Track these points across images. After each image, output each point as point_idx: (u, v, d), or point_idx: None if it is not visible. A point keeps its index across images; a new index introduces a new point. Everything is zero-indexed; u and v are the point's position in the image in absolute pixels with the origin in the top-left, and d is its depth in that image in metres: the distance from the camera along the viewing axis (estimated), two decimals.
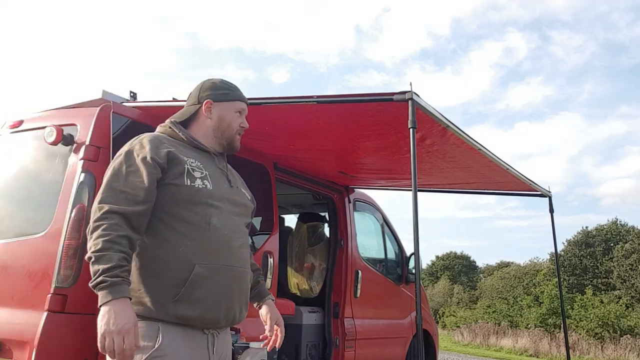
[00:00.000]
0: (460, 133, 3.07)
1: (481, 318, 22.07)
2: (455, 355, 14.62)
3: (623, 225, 33.35)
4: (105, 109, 2.91)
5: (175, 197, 1.83)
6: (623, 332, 15.90)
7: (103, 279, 1.60)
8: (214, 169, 1.99)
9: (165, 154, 1.86)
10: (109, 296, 1.59)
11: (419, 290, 2.62)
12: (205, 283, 1.79)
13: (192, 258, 1.79)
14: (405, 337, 5.29)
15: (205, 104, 2.05)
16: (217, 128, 2.06)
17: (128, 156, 1.85)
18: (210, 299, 1.81)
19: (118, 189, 1.76)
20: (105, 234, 1.66)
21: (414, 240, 2.55)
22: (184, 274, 1.77)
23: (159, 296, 1.75)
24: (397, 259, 5.51)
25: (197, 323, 1.81)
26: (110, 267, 1.61)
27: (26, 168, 3.17)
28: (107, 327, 1.56)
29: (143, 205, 1.76)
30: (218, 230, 1.87)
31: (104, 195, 1.75)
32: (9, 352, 2.60)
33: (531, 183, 4.55)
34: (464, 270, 46.33)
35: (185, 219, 1.83)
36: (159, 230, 1.81)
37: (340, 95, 2.66)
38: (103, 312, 1.58)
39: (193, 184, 1.86)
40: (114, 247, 1.65)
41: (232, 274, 1.89)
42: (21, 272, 2.74)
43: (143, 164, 1.81)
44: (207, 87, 2.10)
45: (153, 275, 1.77)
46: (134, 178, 1.78)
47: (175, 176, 1.85)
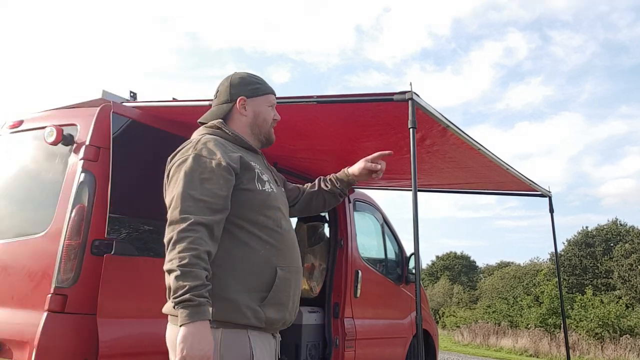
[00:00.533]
0: (460, 133, 3.07)
1: (481, 318, 22.06)
2: (455, 355, 14.62)
3: (623, 225, 33.34)
4: (105, 109, 2.91)
5: (251, 202, 1.82)
6: (623, 332, 15.89)
7: (190, 297, 1.55)
8: (266, 170, 2.00)
9: (237, 159, 1.83)
10: (193, 317, 1.55)
11: (419, 290, 2.61)
12: (286, 286, 1.83)
13: (274, 262, 1.81)
14: (405, 337, 5.29)
15: (239, 101, 2.02)
16: (254, 124, 2.03)
17: (198, 162, 1.77)
18: (289, 300, 1.85)
19: (197, 197, 1.70)
20: (193, 247, 1.60)
21: (414, 240, 2.55)
22: (269, 278, 1.78)
23: (247, 301, 1.74)
24: (397, 259, 5.51)
25: (278, 325, 1.83)
26: (197, 286, 1.56)
27: (26, 168, 3.17)
28: (190, 351, 1.53)
29: (222, 214, 1.73)
30: (287, 232, 1.91)
31: (185, 205, 1.68)
32: (9, 352, 2.60)
33: (531, 183, 4.55)
34: (464, 270, 46.32)
35: (261, 224, 1.83)
36: (238, 236, 1.79)
37: (340, 95, 2.66)
38: (185, 334, 1.54)
39: (264, 189, 1.87)
40: (201, 263, 1.60)
41: (299, 275, 1.94)
42: (21, 272, 2.74)
43: (218, 170, 1.75)
44: (237, 83, 2.05)
45: (237, 281, 1.75)
46: (210, 185, 1.73)
47: (248, 181, 1.84)
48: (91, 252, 2.63)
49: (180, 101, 3.10)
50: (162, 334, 2.83)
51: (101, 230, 2.65)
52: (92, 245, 2.64)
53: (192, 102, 2.99)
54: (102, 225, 2.65)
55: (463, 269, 46.54)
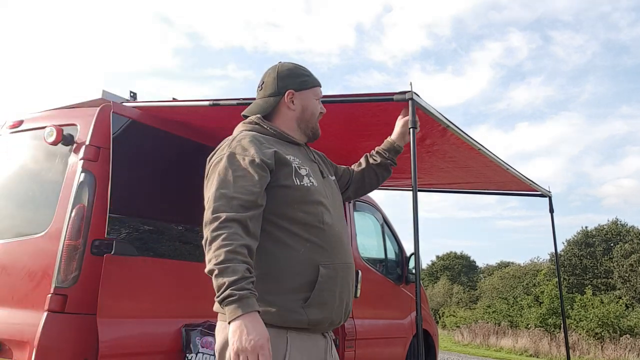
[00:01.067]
0: (460, 133, 3.07)
1: (481, 318, 22.07)
2: (455, 355, 14.62)
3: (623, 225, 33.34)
4: (105, 109, 2.91)
5: (288, 198, 1.77)
6: (623, 332, 15.90)
7: (230, 292, 1.51)
8: (309, 163, 1.93)
9: (272, 154, 1.77)
10: (238, 311, 1.51)
11: (419, 290, 2.61)
12: (330, 284, 1.76)
13: (315, 259, 1.75)
14: (405, 337, 5.29)
15: (288, 94, 1.95)
16: (302, 118, 1.98)
17: (231, 160, 1.75)
18: (335, 299, 1.78)
19: (229, 196, 1.66)
20: (227, 244, 1.56)
21: (414, 240, 2.55)
22: (311, 277, 1.72)
23: (288, 302, 1.70)
24: (397, 259, 5.51)
25: (324, 325, 1.78)
26: (236, 280, 1.52)
27: (26, 168, 3.17)
28: (239, 344, 1.49)
29: (256, 210, 1.69)
30: (331, 228, 1.82)
31: (217, 204, 1.65)
32: (9, 352, 2.60)
33: (531, 183, 4.54)
34: (464, 270, 46.32)
35: (300, 220, 1.76)
36: (275, 235, 1.75)
37: (340, 95, 2.66)
38: (234, 329, 1.51)
39: (302, 183, 1.80)
40: (237, 257, 1.56)
41: (348, 272, 1.85)
42: (21, 272, 2.74)
43: (251, 167, 1.72)
44: (284, 74, 1.98)
45: (277, 281, 1.71)
46: (244, 182, 1.69)
47: (285, 177, 1.78)
48: (91, 252, 2.63)
49: (180, 101, 3.10)
50: (162, 334, 2.84)
51: (101, 230, 2.65)
52: (92, 245, 2.64)
53: (192, 102, 3.00)
54: (102, 225, 2.65)
55: (463, 269, 46.54)
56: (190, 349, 2.82)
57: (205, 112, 3.05)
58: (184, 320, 2.91)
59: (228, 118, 3.19)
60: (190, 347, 2.82)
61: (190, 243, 3.13)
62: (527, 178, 4.41)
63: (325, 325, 1.79)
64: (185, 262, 3.05)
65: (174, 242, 3.04)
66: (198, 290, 3.10)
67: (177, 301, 2.95)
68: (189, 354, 2.81)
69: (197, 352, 2.81)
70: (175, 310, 2.93)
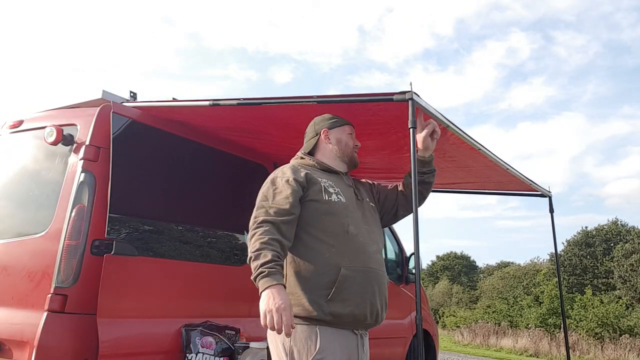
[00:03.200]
0: (460, 133, 3.07)
1: (481, 318, 22.06)
2: (455, 355, 14.62)
3: (623, 225, 33.34)
4: (105, 109, 2.91)
5: (317, 210, 2.15)
6: (623, 332, 15.90)
7: (261, 270, 1.89)
8: (344, 186, 2.32)
9: (304, 175, 2.20)
10: (267, 283, 1.87)
11: (419, 290, 2.61)
12: (351, 283, 2.07)
13: (338, 262, 2.08)
14: (405, 337, 5.29)
15: (323, 132, 2.43)
16: (338, 149, 2.41)
17: (273, 181, 2.19)
18: (357, 297, 2.07)
19: (267, 206, 2.09)
20: (260, 237, 1.97)
21: (414, 240, 2.55)
22: (333, 277, 2.06)
23: (314, 297, 2.04)
24: (397, 259, 5.51)
25: (348, 319, 2.07)
26: (266, 262, 1.90)
27: (26, 168, 3.17)
28: (267, 306, 1.85)
29: (289, 216, 2.07)
30: (355, 236, 2.16)
31: (257, 212, 2.08)
32: (9, 352, 2.60)
33: (531, 183, 4.54)
34: (464, 270, 46.31)
35: (326, 229, 2.13)
36: (306, 241, 2.12)
37: (340, 95, 2.66)
38: (263, 296, 1.87)
39: (330, 199, 2.18)
40: (268, 247, 1.94)
41: (371, 275, 2.15)
42: (21, 272, 2.74)
43: (287, 184, 2.15)
44: (319, 121, 2.49)
45: (306, 280, 2.07)
46: (280, 196, 2.12)
47: (315, 193, 2.17)
48: (91, 252, 2.63)
49: (180, 101, 3.10)
50: (162, 334, 2.84)
51: (101, 230, 2.65)
52: (92, 245, 2.64)
53: (192, 102, 2.99)
54: (102, 225, 2.65)
55: (463, 269, 46.53)
56: (190, 349, 2.82)
57: (205, 112, 3.05)
58: (184, 320, 2.91)
59: (228, 118, 3.20)
60: (190, 347, 2.82)
61: (190, 243, 3.13)
62: (527, 178, 4.41)
63: (349, 320, 2.07)
64: (185, 262, 3.05)
65: (174, 242, 3.04)
66: (198, 290, 3.10)
67: (177, 301, 2.95)
68: (189, 354, 2.81)
69: (197, 352, 2.82)
70: (175, 310, 2.93)
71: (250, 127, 3.30)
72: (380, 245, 2.31)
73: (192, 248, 3.12)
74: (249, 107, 2.89)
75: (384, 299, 2.22)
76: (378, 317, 2.18)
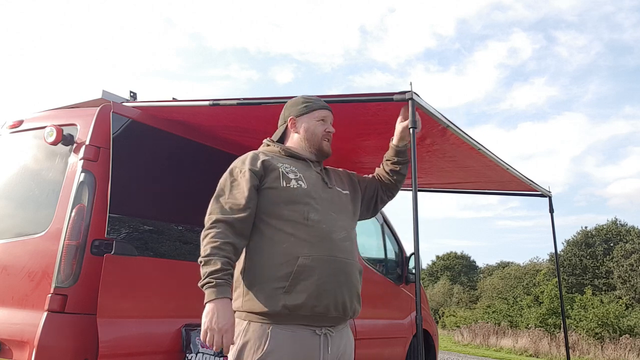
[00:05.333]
0: (460, 133, 3.07)
1: (481, 318, 22.07)
2: (455, 355, 14.62)
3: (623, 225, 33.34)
4: (105, 109, 2.91)
5: (275, 198, 2.02)
6: (623, 332, 15.90)
7: (209, 280, 1.83)
8: (309, 173, 2.16)
9: (260, 163, 2.08)
10: (212, 295, 1.82)
11: (419, 290, 2.61)
12: (310, 274, 1.92)
13: (297, 252, 1.95)
14: (405, 337, 5.29)
15: (290, 121, 2.28)
16: (305, 138, 2.25)
17: (231, 172, 2.09)
18: (317, 289, 1.92)
19: (223, 201, 1.99)
20: (212, 241, 1.89)
21: (414, 240, 2.55)
22: (291, 267, 1.92)
23: (270, 290, 1.91)
24: (397, 259, 5.51)
25: (306, 312, 1.91)
26: (215, 271, 1.83)
27: (26, 168, 3.17)
28: (209, 324, 1.80)
29: (245, 212, 1.97)
30: (317, 223, 2.01)
31: (212, 208, 1.99)
32: (9, 352, 2.60)
33: (531, 183, 4.54)
34: (464, 270, 46.32)
35: (285, 217, 2.00)
36: (264, 231, 2.00)
37: (340, 95, 2.66)
38: (207, 309, 1.83)
39: (289, 185, 2.05)
40: (219, 252, 1.86)
41: (336, 265, 1.99)
42: (21, 272, 2.74)
43: (243, 176, 2.04)
44: (288, 106, 2.34)
45: (262, 272, 1.95)
46: (236, 190, 2.01)
47: (272, 180, 2.05)
48: (91, 252, 2.63)
49: (180, 101, 3.10)
50: (162, 334, 2.84)
51: (101, 230, 2.65)
52: (92, 245, 2.64)
53: (192, 102, 2.99)
54: (102, 225, 2.65)
55: (463, 269, 46.54)
56: (190, 349, 2.82)
57: (205, 112, 3.05)
58: (184, 320, 2.91)
59: (228, 118, 3.20)
60: (190, 347, 2.82)
61: (190, 243, 3.12)
62: (527, 178, 4.41)
63: (307, 313, 1.90)
64: (185, 262, 3.05)
65: (174, 242, 3.04)
66: (198, 290, 3.09)
67: (177, 301, 2.94)
68: (189, 354, 2.81)
69: (197, 352, 2.82)
70: (175, 310, 2.93)
71: (250, 127, 3.30)
72: (350, 233, 2.14)
73: (192, 248, 3.12)
74: (248, 107, 2.89)
75: (355, 289, 2.05)
76: (347, 309, 1.99)
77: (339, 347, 2.00)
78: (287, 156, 2.20)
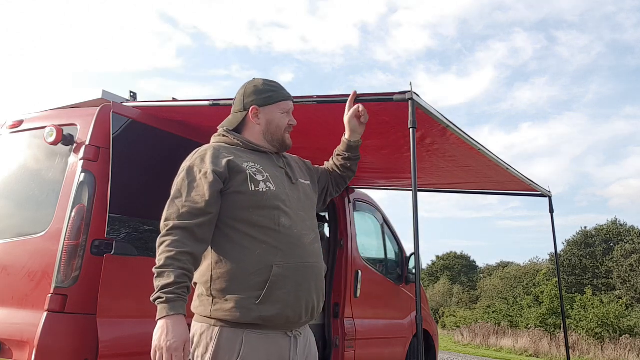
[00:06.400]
0: (460, 133, 3.07)
1: (481, 318, 22.06)
2: (455, 355, 14.62)
3: (623, 225, 33.34)
4: (105, 109, 2.91)
5: (243, 203, 1.88)
6: (623, 332, 15.90)
7: (160, 295, 1.69)
8: (273, 169, 2.03)
9: (225, 164, 1.90)
10: (163, 312, 1.68)
11: (419, 290, 2.61)
12: (285, 283, 1.84)
13: (270, 260, 1.84)
14: (405, 337, 5.29)
15: (252, 110, 2.08)
16: (267, 131, 2.09)
17: (189, 172, 1.91)
18: (291, 297, 1.85)
19: (180, 204, 1.83)
20: (168, 250, 1.73)
21: (414, 240, 2.55)
22: (264, 276, 1.82)
23: (243, 300, 1.80)
24: (397, 259, 5.51)
25: (280, 322, 1.85)
26: (168, 284, 1.69)
27: (26, 168, 3.17)
28: (158, 342, 1.67)
29: (205, 217, 1.82)
30: (288, 229, 1.91)
31: (169, 212, 1.83)
32: (8, 352, 2.60)
33: (531, 183, 4.54)
34: (464, 270, 46.32)
35: (255, 223, 1.87)
36: (233, 238, 1.87)
37: (340, 95, 2.66)
38: (158, 326, 1.69)
39: (257, 189, 1.90)
40: (175, 264, 1.72)
41: (308, 271, 1.93)
42: (21, 272, 2.74)
43: (204, 178, 1.86)
44: (250, 92, 2.12)
45: (234, 281, 1.83)
46: (195, 193, 1.85)
47: (239, 184, 1.89)
48: (91, 252, 2.63)
49: (180, 101, 3.10)
50: None
51: (101, 230, 2.65)
52: (92, 245, 2.64)
53: (191, 102, 3.00)
54: (102, 225, 2.65)
55: (463, 269, 46.54)
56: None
57: (205, 112, 3.05)
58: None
59: None
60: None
61: None
62: (527, 178, 4.41)
63: (281, 322, 1.86)
64: None
65: None
66: None
67: None
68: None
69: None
70: None
71: None
72: (316, 232, 2.06)
73: None
74: None
75: (321, 292, 2.00)
76: (315, 312, 1.97)
77: (305, 346, 1.99)
78: (247, 149, 2.04)
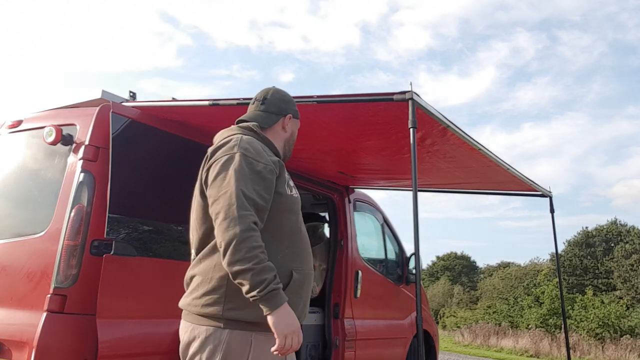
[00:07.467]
0: (460, 133, 3.07)
1: (481, 318, 22.05)
2: (456, 355, 14.61)
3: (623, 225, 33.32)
4: (105, 109, 2.90)
5: (278, 205, 1.90)
6: (623, 332, 15.88)
7: (273, 286, 1.71)
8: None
9: (277, 162, 1.95)
10: (279, 302, 1.72)
11: (419, 291, 2.61)
12: (300, 288, 1.91)
13: (289, 265, 1.89)
14: (406, 338, 5.28)
15: (287, 117, 2.14)
16: (288, 142, 2.18)
17: (246, 160, 1.85)
18: (301, 302, 1.92)
19: (250, 197, 1.79)
20: (257, 245, 1.73)
21: (414, 241, 2.55)
22: (284, 280, 1.84)
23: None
24: (397, 259, 5.50)
25: None
26: (274, 276, 1.73)
27: (25, 168, 3.17)
28: (287, 330, 1.72)
29: (264, 214, 1.84)
30: (304, 236, 1.99)
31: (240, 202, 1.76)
32: (8, 353, 2.60)
33: (532, 183, 4.54)
34: (464, 270, 46.32)
35: (283, 227, 1.91)
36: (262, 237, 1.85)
37: (341, 95, 2.66)
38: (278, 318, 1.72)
39: (291, 193, 1.96)
40: (266, 257, 1.74)
41: (311, 277, 2.01)
42: (20, 272, 2.74)
43: (266, 172, 1.87)
44: (287, 99, 2.18)
45: None
46: (259, 186, 1.83)
47: (281, 185, 1.92)
48: (90, 252, 2.62)
49: (180, 101, 3.10)
50: (161, 334, 2.84)
51: (100, 231, 2.64)
52: (92, 246, 2.63)
53: (191, 102, 2.99)
54: (102, 225, 2.65)
55: (463, 269, 46.53)
56: None
57: (205, 112, 3.04)
58: None
59: (228, 118, 3.19)
60: None
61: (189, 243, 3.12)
62: (527, 178, 4.41)
63: None
64: (185, 262, 3.04)
65: (173, 242, 3.04)
66: None
67: (177, 301, 2.93)
68: None
69: None
70: (175, 310, 2.91)
71: None
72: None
73: None
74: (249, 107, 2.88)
75: None
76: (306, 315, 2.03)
77: None
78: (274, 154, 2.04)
